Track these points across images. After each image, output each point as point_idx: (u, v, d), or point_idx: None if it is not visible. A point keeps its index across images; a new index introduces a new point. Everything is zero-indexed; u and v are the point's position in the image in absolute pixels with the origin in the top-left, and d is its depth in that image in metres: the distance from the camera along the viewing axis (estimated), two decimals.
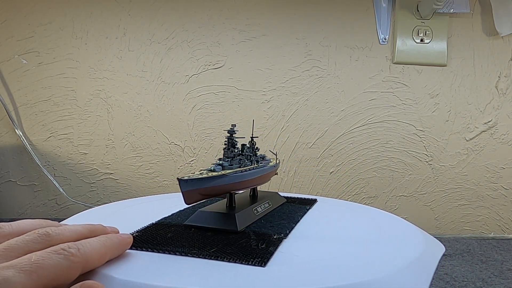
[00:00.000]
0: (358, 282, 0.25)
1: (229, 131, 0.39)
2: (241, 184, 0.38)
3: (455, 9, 0.85)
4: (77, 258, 0.22)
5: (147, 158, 0.85)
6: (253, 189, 0.48)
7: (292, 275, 0.25)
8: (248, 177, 0.38)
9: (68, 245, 0.23)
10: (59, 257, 0.22)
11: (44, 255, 0.21)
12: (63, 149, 0.84)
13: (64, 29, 0.83)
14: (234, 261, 0.27)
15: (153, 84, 0.84)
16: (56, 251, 0.22)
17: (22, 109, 0.83)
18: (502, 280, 0.56)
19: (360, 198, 0.89)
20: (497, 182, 0.89)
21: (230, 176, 0.35)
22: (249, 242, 0.31)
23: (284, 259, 0.28)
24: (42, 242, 0.24)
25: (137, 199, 0.53)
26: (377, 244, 0.33)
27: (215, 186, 0.34)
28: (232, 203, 0.39)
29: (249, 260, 0.27)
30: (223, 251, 0.29)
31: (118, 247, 0.27)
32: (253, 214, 0.39)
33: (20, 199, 0.84)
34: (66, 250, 0.22)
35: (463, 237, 0.85)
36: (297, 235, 0.35)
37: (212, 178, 0.33)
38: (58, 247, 0.22)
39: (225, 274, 0.25)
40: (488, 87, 0.88)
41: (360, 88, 0.87)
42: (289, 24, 0.86)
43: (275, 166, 0.49)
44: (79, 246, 0.23)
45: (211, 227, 0.35)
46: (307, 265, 0.27)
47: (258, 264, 0.26)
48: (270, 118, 0.86)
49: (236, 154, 0.39)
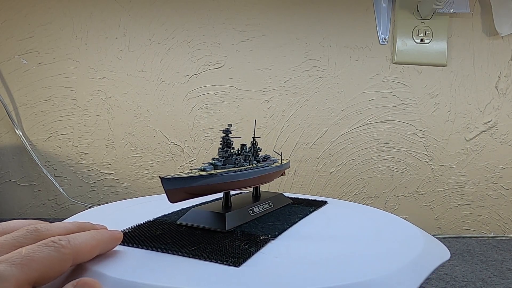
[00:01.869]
0: (357, 282, 0.25)
1: (224, 131, 0.39)
2: (235, 184, 0.38)
3: (455, 9, 0.85)
4: (68, 250, 0.23)
5: (147, 158, 0.85)
6: (256, 189, 0.48)
7: (263, 276, 0.25)
8: (243, 177, 0.38)
9: (58, 237, 0.23)
10: (49, 249, 0.22)
11: (34, 248, 0.22)
12: (63, 149, 0.84)
13: (64, 29, 0.83)
14: (210, 260, 0.27)
15: (153, 84, 0.84)
16: (46, 243, 0.22)
17: (22, 109, 0.83)
18: (502, 280, 0.56)
19: (360, 198, 0.89)
20: (497, 182, 0.89)
21: (221, 176, 0.35)
22: (233, 241, 0.31)
23: (262, 260, 0.28)
24: (32, 237, 0.24)
25: (137, 199, 0.53)
26: (377, 244, 0.33)
27: (202, 185, 0.33)
28: (228, 203, 0.39)
29: (224, 259, 0.27)
30: (203, 249, 0.29)
31: (108, 242, 0.28)
32: (248, 215, 0.39)
33: (20, 199, 0.84)
34: (56, 242, 0.22)
35: (463, 237, 0.85)
36: (290, 236, 0.35)
37: (198, 177, 0.33)
38: (49, 240, 0.23)
39: (197, 272, 0.25)
40: (488, 87, 0.88)
41: (360, 88, 0.87)
42: (289, 24, 0.86)
43: (279, 167, 0.48)
44: (69, 238, 0.24)
45: (200, 226, 0.35)
46: (284, 267, 0.27)
47: (232, 264, 0.26)
48: (270, 118, 0.86)
49: (231, 154, 0.39)
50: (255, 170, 0.41)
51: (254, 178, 0.41)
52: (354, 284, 0.24)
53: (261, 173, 0.43)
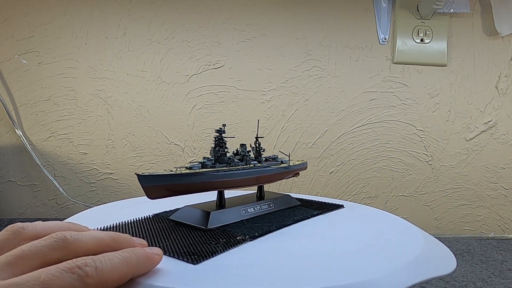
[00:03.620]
0: (357, 281, 0.25)
1: (217, 131, 0.39)
2: (222, 183, 0.38)
3: (455, 9, 0.85)
4: (93, 280, 0.20)
5: (147, 158, 0.85)
6: (260, 190, 0.47)
7: (214, 275, 0.25)
8: (231, 177, 0.38)
9: (85, 261, 0.20)
10: (72, 277, 0.19)
11: (55, 274, 0.19)
12: (63, 149, 0.84)
13: (64, 29, 0.83)
14: (173, 256, 0.28)
15: (153, 84, 0.84)
16: (70, 269, 0.19)
17: (22, 109, 0.83)
18: (502, 280, 0.56)
19: (360, 198, 0.89)
20: (497, 182, 0.89)
21: (205, 175, 0.36)
22: (207, 239, 0.32)
23: (225, 260, 0.28)
24: (58, 248, 0.21)
25: (137, 199, 0.53)
26: (377, 244, 0.33)
27: (183, 183, 0.34)
28: (222, 202, 0.40)
29: (185, 256, 0.28)
30: (172, 245, 0.30)
31: (143, 265, 0.24)
32: (239, 214, 0.39)
33: (20, 199, 0.83)
34: (81, 269, 0.19)
35: (463, 237, 0.85)
36: (277, 237, 0.35)
37: (177, 175, 0.34)
38: (74, 263, 0.20)
39: (157, 267, 0.26)
40: (488, 87, 0.88)
41: (360, 88, 0.87)
42: (289, 24, 0.86)
43: (286, 167, 0.47)
44: (97, 263, 0.20)
45: (187, 222, 0.36)
46: (244, 268, 0.27)
47: (191, 261, 0.27)
48: (270, 118, 0.86)
49: (224, 153, 0.39)
50: (248, 170, 0.41)
51: (248, 178, 0.41)
52: (354, 284, 0.24)
53: (258, 174, 0.42)
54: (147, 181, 0.32)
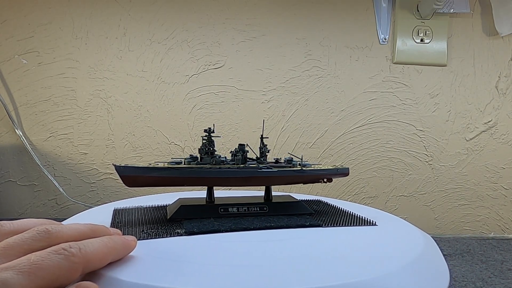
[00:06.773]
0: (357, 281, 0.25)
1: (205, 130, 0.41)
2: (200, 180, 0.39)
3: (455, 9, 0.85)
4: (78, 259, 0.22)
5: (147, 158, 0.85)
6: (267, 192, 0.45)
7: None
8: (208, 174, 0.40)
9: (69, 244, 0.22)
10: (59, 257, 0.21)
11: (43, 255, 0.21)
12: (63, 149, 0.84)
13: (64, 29, 0.82)
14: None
15: (153, 84, 0.84)
16: (56, 251, 0.21)
17: (22, 109, 0.83)
18: (502, 280, 0.56)
19: (360, 198, 0.89)
20: (497, 182, 0.89)
21: (182, 170, 0.38)
22: (157, 229, 0.36)
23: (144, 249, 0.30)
24: (42, 239, 0.23)
25: (137, 199, 0.53)
26: (377, 244, 0.33)
27: (157, 176, 0.37)
28: (211, 198, 0.42)
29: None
30: (138, 229, 0.35)
31: (121, 250, 0.27)
32: (215, 212, 0.40)
33: (20, 199, 0.83)
34: (66, 250, 0.22)
35: (463, 237, 0.85)
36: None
37: (151, 168, 0.37)
38: (59, 246, 0.22)
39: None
40: (488, 87, 0.88)
41: (360, 88, 0.87)
42: (289, 24, 0.86)
43: (297, 172, 0.43)
44: (80, 246, 0.23)
45: (170, 213, 0.40)
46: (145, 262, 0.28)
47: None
48: (270, 118, 0.86)
49: (210, 152, 0.41)
50: (234, 170, 0.40)
51: (236, 178, 0.40)
52: (354, 284, 0.24)
53: (247, 174, 0.41)
54: (121, 171, 0.36)
